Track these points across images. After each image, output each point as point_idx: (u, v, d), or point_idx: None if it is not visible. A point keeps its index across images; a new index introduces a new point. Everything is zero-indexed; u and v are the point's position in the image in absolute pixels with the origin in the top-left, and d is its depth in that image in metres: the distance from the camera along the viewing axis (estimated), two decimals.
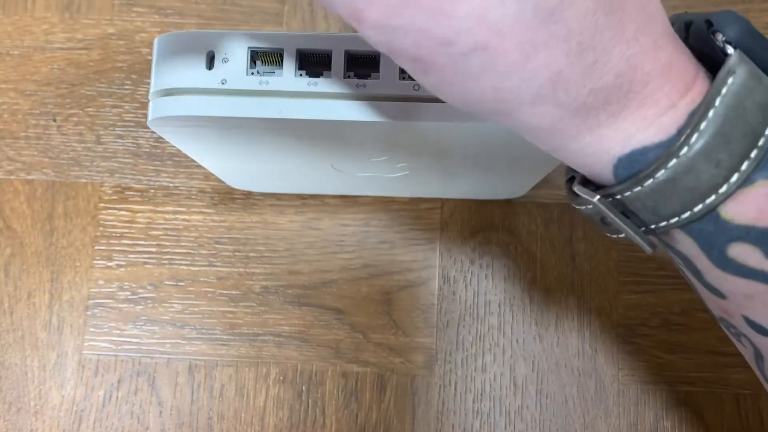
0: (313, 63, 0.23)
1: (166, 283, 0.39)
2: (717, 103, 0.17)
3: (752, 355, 0.23)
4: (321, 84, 0.23)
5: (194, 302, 0.39)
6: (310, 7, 0.42)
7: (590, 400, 0.38)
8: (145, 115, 0.41)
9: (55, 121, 0.41)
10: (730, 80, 0.17)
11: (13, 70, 0.42)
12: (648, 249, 0.20)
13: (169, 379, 0.38)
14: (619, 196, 0.19)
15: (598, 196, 0.19)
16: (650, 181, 0.18)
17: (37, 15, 0.43)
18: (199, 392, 0.38)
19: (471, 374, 0.38)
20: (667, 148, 0.18)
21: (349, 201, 0.40)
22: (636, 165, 0.18)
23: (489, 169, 0.32)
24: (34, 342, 0.39)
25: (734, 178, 0.18)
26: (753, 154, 0.17)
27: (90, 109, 0.41)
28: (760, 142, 0.17)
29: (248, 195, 0.40)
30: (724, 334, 0.38)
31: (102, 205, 0.40)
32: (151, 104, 0.24)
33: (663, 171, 0.18)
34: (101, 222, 0.40)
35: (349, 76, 0.23)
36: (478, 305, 0.39)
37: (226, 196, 0.40)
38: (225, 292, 0.39)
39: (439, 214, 0.40)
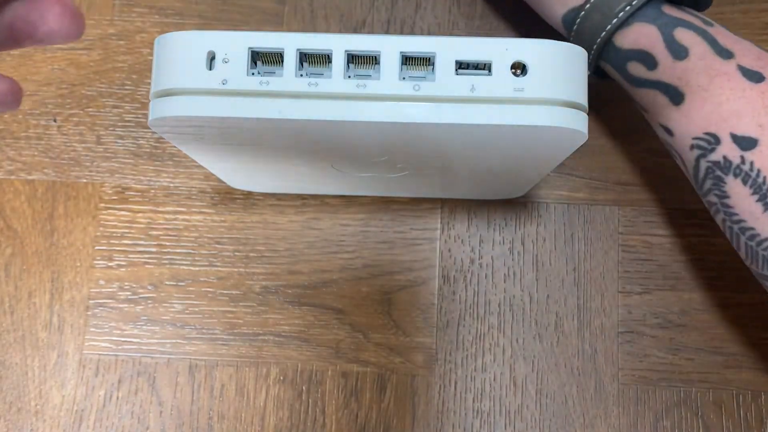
0: (313, 63, 0.23)
1: (167, 283, 0.39)
2: None
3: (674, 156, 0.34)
4: (321, 84, 0.23)
5: (194, 302, 0.39)
6: (310, 7, 0.42)
7: (590, 400, 0.38)
8: (146, 116, 0.41)
9: (55, 121, 0.41)
10: None
11: (14, 70, 0.42)
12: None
13: (169, 379, 0.38)
14: (578, 21, 0.32)
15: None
16: (583, 12, 0.32)
17: None
18: (200, 392, 0.38)
19: (471, 374, 0.38)
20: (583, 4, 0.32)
21: (349, 201, 0.40)
22: (572, 13, 0.33)
23: (489, 169, 0.32)
24: (35, 342, 0.39)
25: (616, 19, 0.31)
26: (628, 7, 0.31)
27: (90, 109, 0.41)
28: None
29: (248, 195, 0.40)
30: (724, 334, 0.38)
31: (102, 205, 0.40)
32: (151, 104, 0.24)
33: (587, 7, 0.32)
34: (102, 222, 0.40)
35: (349, 77, 0.23)
36: (478, 305, 0.39)
37: (226, 196, 0.40)
38: (225, 292, 0.39)
39: (439, 214, 0.40)
